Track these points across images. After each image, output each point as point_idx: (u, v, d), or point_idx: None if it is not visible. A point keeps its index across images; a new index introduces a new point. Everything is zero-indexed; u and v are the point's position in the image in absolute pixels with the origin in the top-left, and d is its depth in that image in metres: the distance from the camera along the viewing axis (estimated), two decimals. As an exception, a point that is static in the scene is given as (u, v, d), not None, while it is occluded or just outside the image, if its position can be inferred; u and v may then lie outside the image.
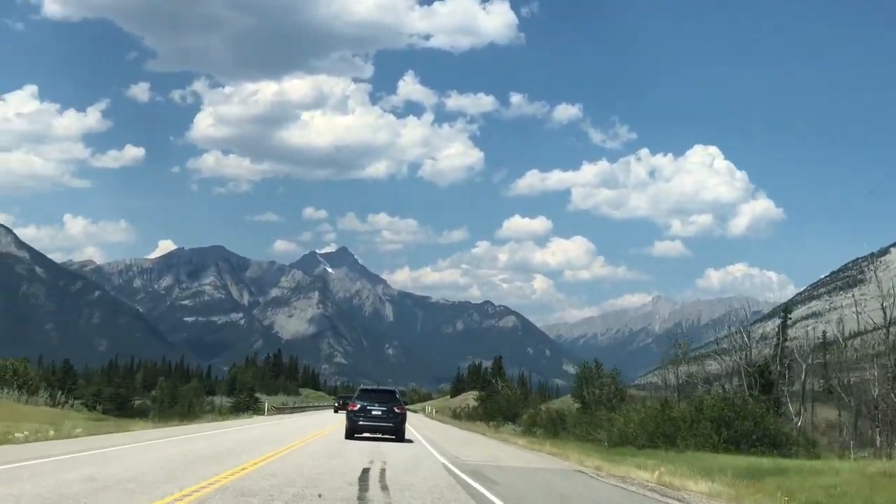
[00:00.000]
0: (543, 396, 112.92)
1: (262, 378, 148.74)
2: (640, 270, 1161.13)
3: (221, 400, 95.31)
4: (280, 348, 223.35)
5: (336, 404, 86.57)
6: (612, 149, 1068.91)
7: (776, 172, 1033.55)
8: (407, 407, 36.66)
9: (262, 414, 70.35)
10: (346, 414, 29.99)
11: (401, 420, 29.46)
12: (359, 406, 29.31)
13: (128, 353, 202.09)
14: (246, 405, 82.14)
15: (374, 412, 29.03)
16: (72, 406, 49.05)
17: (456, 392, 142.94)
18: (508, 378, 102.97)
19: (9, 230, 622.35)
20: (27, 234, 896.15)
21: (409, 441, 30.54)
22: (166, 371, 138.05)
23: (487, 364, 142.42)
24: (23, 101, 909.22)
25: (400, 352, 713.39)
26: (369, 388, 32.57)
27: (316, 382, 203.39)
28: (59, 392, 57.05)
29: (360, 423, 29.16)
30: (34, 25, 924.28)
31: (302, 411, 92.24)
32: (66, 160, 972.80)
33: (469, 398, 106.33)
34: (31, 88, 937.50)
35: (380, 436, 29.31)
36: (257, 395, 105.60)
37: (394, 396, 30.78)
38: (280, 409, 78.47)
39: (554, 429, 47.21)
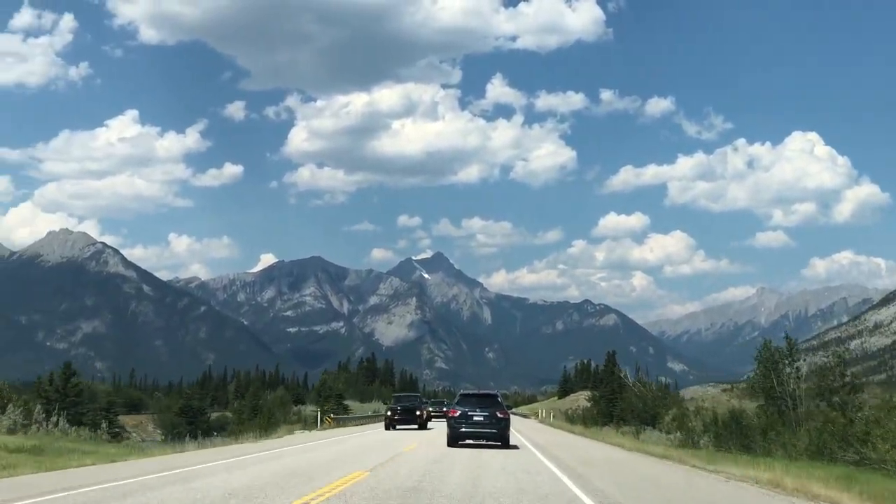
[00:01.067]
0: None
1: (356, 384, 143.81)
2: (743, 263, 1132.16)
3: (303, 409, 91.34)
4: (373, 353, 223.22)
5: (388, 414, 48.91)
6: (707, 140, 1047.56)
7: (880, 156, 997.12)
8: (512, 411, 34.32)
9: (312, 427, 50.86)
10: (447, 421, 28.54)
11: (505, 425, 28.08)
12: (459, 412, 27.94)
13: (234, 367, 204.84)
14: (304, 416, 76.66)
15: (475, 418, 27.74)
16: (56, 427, 32.06)
17: (564, 393, 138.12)
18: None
19: (116, 251, 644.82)
20: (135, 254, 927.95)
21: (515, 448, 29.01)
22: (261, 380, 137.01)
23: (596, 363, 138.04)
24: (125, 126, 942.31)
25: (500, 354, 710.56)
26: (470, 392, 31.58)
27: (414, 387, 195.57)
28: (52, 408, 40.46)
29: (462, 429, 27.76)
30: (132, 51, 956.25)
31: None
32: (168, 181, 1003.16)
33: (580, 398, 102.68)
34: (133, 113, 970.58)
35: (483, 442, 28.03)
36: (347, 402, 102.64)
37: (496, 400, 29.24)
38: (336, 420, 55.95)
39: (732, 438, 31.45)
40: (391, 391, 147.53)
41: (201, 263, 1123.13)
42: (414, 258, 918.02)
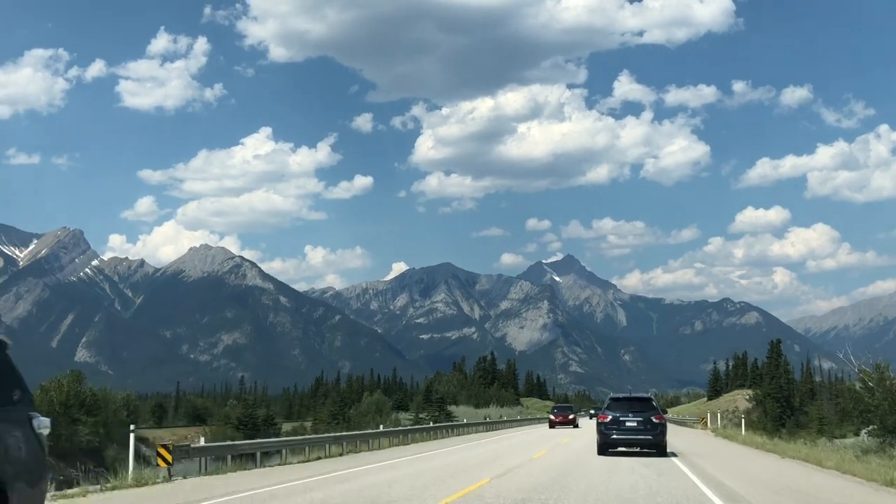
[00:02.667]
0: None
1: (470, 387, 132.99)
2: (891, 255, 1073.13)
3: (401, 415, 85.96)
4: (508, 358, 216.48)
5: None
6: (848, 128, 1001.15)
7: None
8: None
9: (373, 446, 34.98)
10: (597, 426, 26.58)
11: (661, 431, 25.79)
12: (610, 417, 25.97)
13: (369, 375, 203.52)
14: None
15: (628, 423, 25.69)
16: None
17: (715, 393, 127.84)
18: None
19: (253, 264, 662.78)
20: (273, 267, 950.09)
21: (673, 456, 25.21)
22: (373, 385, 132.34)
23: (755, 358, 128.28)
24: (259, 143, 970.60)
25: (636, 357, 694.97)
26: (621, 396, 28.99)
27: (543, 391, 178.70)
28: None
29: (614, 436, 25.79)
30: (263, 70, 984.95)
31: (509, 427, 68.52)
32: (302, 195, 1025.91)
33: (738, 399, 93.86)
34: (266, 130, 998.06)
35: (637, 449, 26.04)
36: (458, 407, 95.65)
37: (650, 404, 26.84)
38: (403, 432, 42.51)
39: None
40: (513, 395, 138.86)
41: (336, 274, 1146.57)
42: (544, 262, 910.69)
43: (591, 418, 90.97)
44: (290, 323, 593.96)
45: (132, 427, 21.69)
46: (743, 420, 41.23)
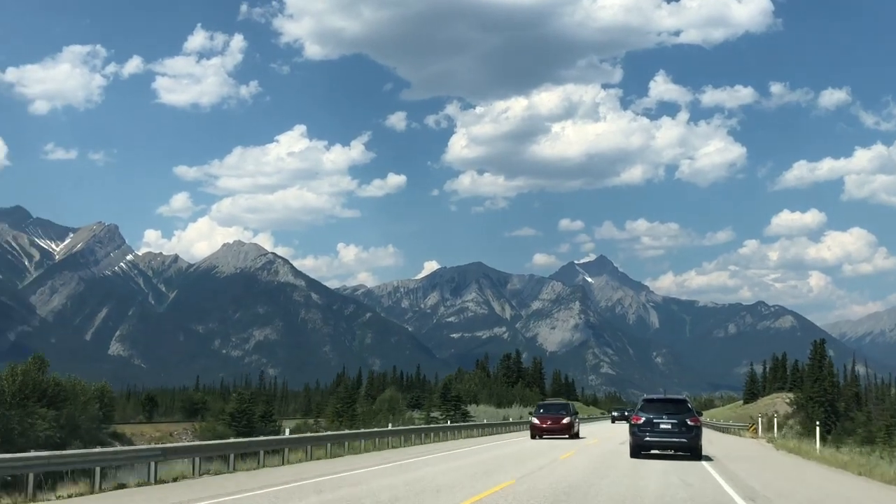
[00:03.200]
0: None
1: (492, 386, 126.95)
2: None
3: (414, 414, 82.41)
4: (535, 357, 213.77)
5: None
6: (887, 131, 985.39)
7: None
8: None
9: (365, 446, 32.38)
10: (630, 428, 26.17)
11: (696, 434, 25.33)
12: (643, 419, 25.55)
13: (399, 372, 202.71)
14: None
15: (662, 426, 25.22)
16: None
17: (752, 396, 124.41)
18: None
19: (286, 261, 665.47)
20: (306, 264, 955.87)
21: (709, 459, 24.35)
22: (395, 382, 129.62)
23: (796, 360, 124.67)
24: (294, 141, 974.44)
25: (669, 359, 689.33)
26: (654, 397, 28.28)
27: (571, 391, 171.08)
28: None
29: (647, 438, 25.38)
30: (298, 67, 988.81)
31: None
32: (335, 193, 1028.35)
33: (777, 402, 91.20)
34: (301, 128, 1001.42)
35: (671, 453, 25.46)
36: (478, 406, 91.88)
37: (685, 406, 26.27)
38: (407, 431, 39.47)
39: None
40: (538, 394, 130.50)
41: (368, 272, 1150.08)
42: (576, 262, 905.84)
43: (613, 421, 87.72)
44: (321, 320, 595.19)
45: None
46: (817, 429, 33.89)
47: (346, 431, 36.11)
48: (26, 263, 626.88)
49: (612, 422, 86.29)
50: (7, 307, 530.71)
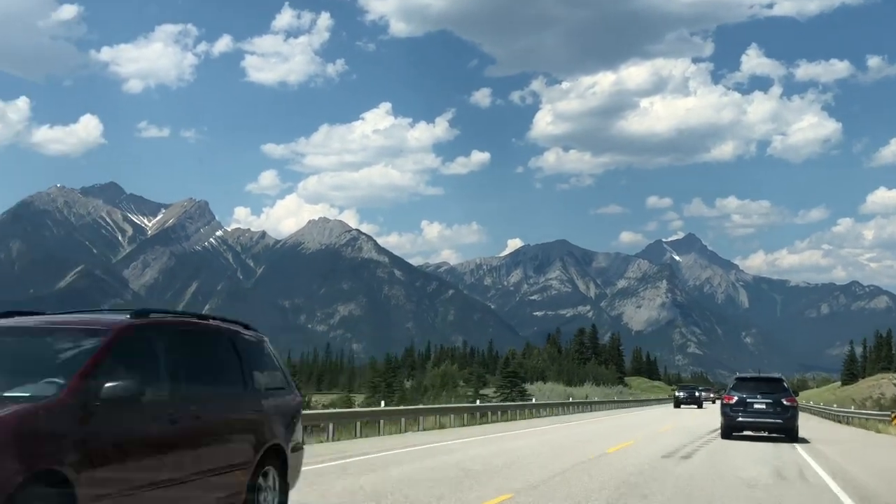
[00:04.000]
0: None
1: (564, 362, 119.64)
2: None
3: (462, 390, 76.71)
4: (618, 335, 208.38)
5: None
6: None
7: None
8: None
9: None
10: (721, 408, 25.16)
11: (792, 415, 24.22)
12: (736, 399, 24.45)
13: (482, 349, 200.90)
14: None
15: (756, 406, 24.16)
16: None
17: (851, 377, 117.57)
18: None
19: (369, 237, 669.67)
20: (390, 241, 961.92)
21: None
22: (463, 358, 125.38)
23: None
24: (379, 118, 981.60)
25: (758, 339, 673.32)
26: (748, 376, 27.05)
27: (653, 370, 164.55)
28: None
29: (740, 419, 24.31)
30: (384, 45, 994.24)
31: (598, 410, 54.68)
32: (420, 170, 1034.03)
33: (884, 384, 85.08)
34: (386, 105, 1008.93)
35: (764, 433, 24.57)
36: (537, 384, 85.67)
37: (781, 385, 25.23)
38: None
39: None
40: (615, 373, 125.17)
41: (452, 249, 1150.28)
42: (664, 240, 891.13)
43: (677, 405, 66.46)
44: (404, 296, 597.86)
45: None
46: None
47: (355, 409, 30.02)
48: (120, 238, 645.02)
49: (676, 405, 63.27)
50: (101, 281, 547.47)
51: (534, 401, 51.31)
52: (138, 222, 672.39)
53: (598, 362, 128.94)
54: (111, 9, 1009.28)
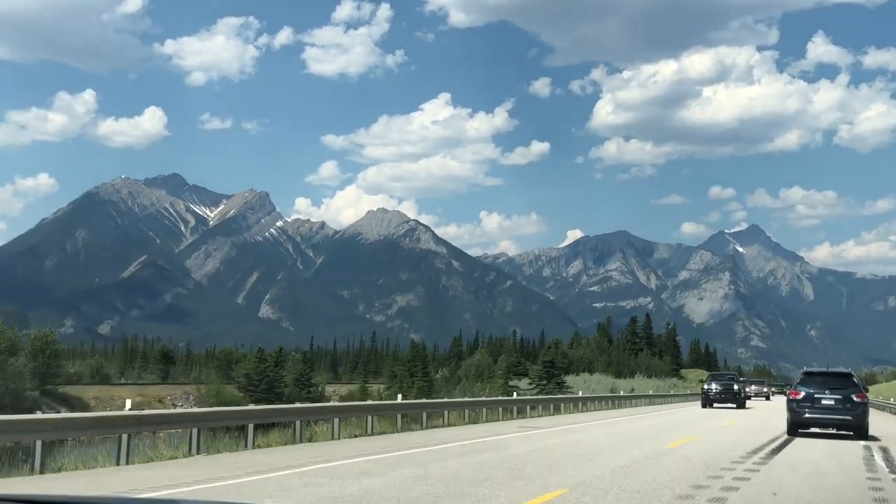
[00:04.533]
0: None
1: (613, 352, 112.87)
2: None
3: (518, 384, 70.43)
4: (681, 330, 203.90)
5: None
6: None
7: None
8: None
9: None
10: (787, 404, 24.27)
11: (862, 411, 23.41)
12: (803, 394, 23.69)
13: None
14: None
15: (824, 401, 23.42)
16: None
17: None
18: None
19: (427, 228, 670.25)
20: (448, 232, 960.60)
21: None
22: (512, 347, 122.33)
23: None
24: (438, 109, 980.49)
25: (823, 332, 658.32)
26: (816, 370, 26.56)
27: (712, 363, 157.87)
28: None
29: (807, 415, 23.59)
30: (443, 35, 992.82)
31: (647, 405, 51.37)
32: (479, 161, 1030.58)
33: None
34: (445, 96, 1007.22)
35: (832, 430, 23.60)
36: (583, 375, 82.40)
37: (851, 381, 24.25)
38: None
39: None
40: (670, 364, 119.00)
41: (511, 240, 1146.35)
42: (727, 231, 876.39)
43: (706, 404, 59.09)
44: (461, 287, 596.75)
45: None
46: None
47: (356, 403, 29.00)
48: (182, 229, 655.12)
49: (706, 404, 44.74)
50: (164, 270, 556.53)
51: (579, 393, 48.11)
52: (200, 213, 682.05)
53: (651, 353, 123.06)
54: (174, 2, 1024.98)
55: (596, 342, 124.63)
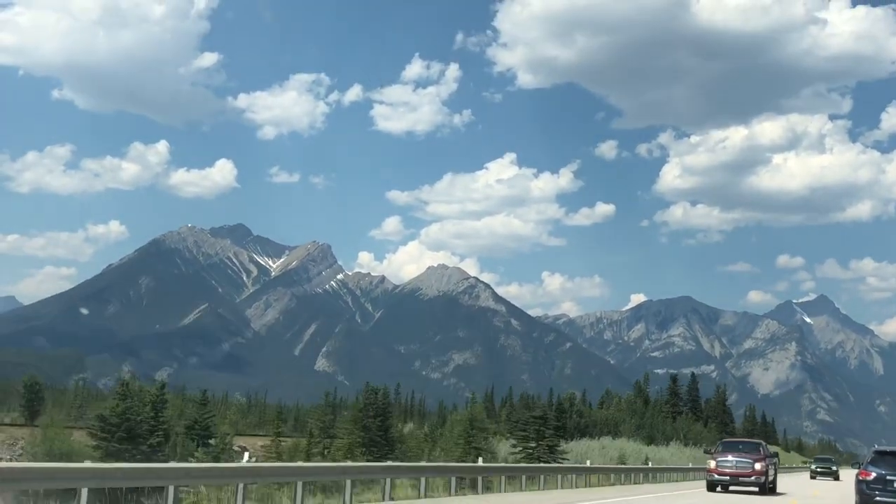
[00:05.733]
0: None
1: (643, 415, 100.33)
2: None
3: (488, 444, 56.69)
4: (743, 400, 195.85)
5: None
6: None
7: None
8: None
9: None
10: (856, 485, 22.13)
11: None
12: (874, 475, 21.73)
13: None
14: None
15: None
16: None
17: None
18: None
19: (487, 285, 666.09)
20: (510, 291, 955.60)
21: None
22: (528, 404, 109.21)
23: None
24: (503, 168, 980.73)
25: (894, 408, 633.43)
26: (888, 449, 23.76)
27: (769, 434, 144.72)
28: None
29: (878, 498, 21.37)
30: (510, 96, 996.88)
31: (664, 482, 44.95)
32: (542, 220, 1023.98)
33: None
34: (511, 155, 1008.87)
35: None
36: (602, 440, 69.44)
37: None
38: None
39: None
40: (716, 433, 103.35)
41: (573, 301, 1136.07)
42: (795, 301, 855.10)
43: (814, 476, 60.92)
44: (520, 346, 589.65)
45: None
46: None
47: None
48: (244, 279, 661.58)
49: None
50: (224, 319, 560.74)
51: (587, 463, 40.85)
52: (263, 263, 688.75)
53: (694, 418, 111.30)
54: (249, 57, 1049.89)
55: (627, 402, 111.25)
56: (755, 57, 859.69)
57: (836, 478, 57.76)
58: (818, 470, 62.66)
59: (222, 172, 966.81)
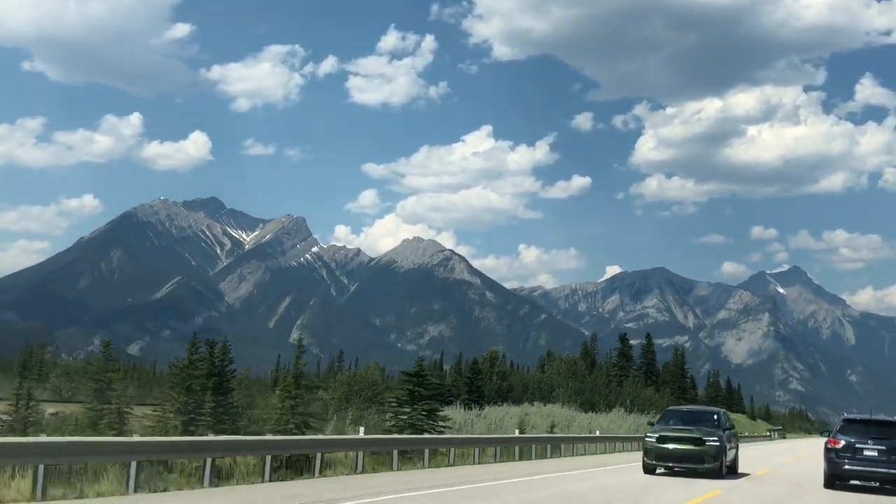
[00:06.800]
0: None
1: (584, 378, 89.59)
2: None
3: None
4: (717, 370, 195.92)
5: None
6: None
7: None
8: None
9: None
10: (825, 453, 21.76)
11: None
12: (843, 443, 21.37)
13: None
14: None
15: (866, 452, 21.08)
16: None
17: None
18: None
19: (462, 258, 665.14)
20: (486, 264, 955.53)
21: None
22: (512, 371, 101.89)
23: None
24: (479, 141, 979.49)
25: (864, 378, 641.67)
26: (857, 417, 23.66)
27: (734, 401, 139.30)
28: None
29: (846, 467, 21.28)
30: (486, 68, 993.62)
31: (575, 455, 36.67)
32: (518, 193, 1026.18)
33: None
34: (487, 128, 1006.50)
35: (875, 484, 21.28)
36: (506, 406, 57.59)
37: None
38: None
39: None
40: (668, 398, 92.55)
41: (549, 274, 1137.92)
42: (768, 272, 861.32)
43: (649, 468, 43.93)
44: (494, 318, 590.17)
45: None
46: None
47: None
48: (218, 252, 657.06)
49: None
50: (198, 292, 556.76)
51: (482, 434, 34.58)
52: (237, 236, 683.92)
53: (639, 383, 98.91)
54: (222, 28, 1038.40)
55: (567, 364, 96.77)
56: (730, 28, 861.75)
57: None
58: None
59: (196, 145, 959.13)
